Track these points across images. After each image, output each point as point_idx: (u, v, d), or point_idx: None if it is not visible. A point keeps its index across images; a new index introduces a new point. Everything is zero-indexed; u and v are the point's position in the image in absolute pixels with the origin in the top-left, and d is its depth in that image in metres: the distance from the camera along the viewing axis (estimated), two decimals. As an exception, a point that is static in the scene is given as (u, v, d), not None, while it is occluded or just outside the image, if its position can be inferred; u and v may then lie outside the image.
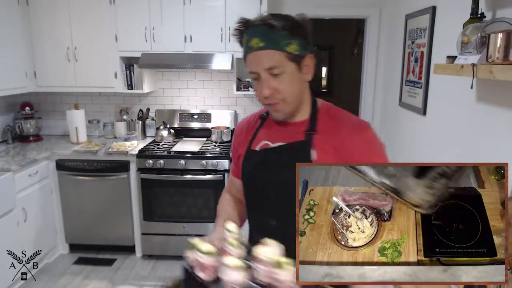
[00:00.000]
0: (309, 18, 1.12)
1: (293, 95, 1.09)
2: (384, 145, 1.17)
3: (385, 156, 1.14)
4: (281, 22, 1.07)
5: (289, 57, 1.04)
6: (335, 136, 1.10)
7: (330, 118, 1.15)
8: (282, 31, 1.05)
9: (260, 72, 1.06)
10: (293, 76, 1.06)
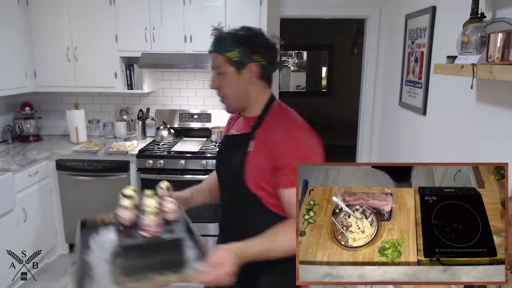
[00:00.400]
0: (271, 40, 1.26)
1: (233, 94, 1.27)
2: (314, 148, 1.23)
3: (307, 158, 1.19)
4: (231, 33, 1.26)
5: (229, 61, 1.23)
6: (270, 132, 1.22)
7: (274, 117, 1.27)
8: (226, 40, 1.26)
9: (212, 70, 1.31)
10: (233, 78, 1.24)
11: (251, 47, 1.23)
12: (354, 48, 5.70)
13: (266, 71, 1.27)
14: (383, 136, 3.46)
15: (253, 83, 1.26)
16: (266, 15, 3.14)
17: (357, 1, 3.39)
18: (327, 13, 3.45)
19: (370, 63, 3.53)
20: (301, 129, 1.24)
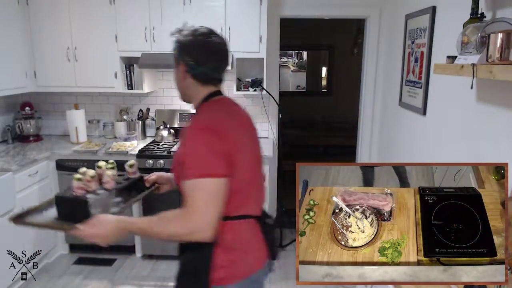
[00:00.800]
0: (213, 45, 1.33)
1: (176, 86, 1.42)
2: (201, 143, 1.24)
3: (191, 154, 1.23)
4: (182, 32, 1.34)
5: (174, 57, 1.35)
6: (188, 125, 1.33)
7: (197, 114, 1.38)
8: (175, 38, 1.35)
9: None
10: (176, 73, 1.38)
11: (182, 47, 1.32)
12: (354, 48, 5.70)
13: (195, 71, 1.32)
14: (383, 136, 3.46)
15: (185, 80, 1.35)
16: (266, 15, 3.14)
17: (357, 1, 3.39)
18: (327, 13, 3.45)
19: (370, 63, 3.53)
20: (197, 128, 1.27)
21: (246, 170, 1.32)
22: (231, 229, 1.30)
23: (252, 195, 1.38)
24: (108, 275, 3.08)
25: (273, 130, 3.71)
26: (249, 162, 1.35)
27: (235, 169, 1.25)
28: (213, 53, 1.33)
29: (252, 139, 1.44)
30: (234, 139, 1.28)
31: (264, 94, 3.52)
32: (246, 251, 1.34)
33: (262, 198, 1.48)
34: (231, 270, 1.30)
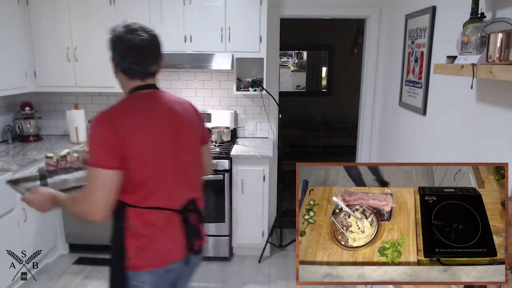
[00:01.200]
0: (134, 43, 1.42)
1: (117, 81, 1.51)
2: (91, 137, 1.34)
3: (89, 145, 1.34)
4: (113, 30, 1.45)
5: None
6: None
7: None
8: None
9: None
10: (112, 69, 1.49)
11: (110, 44, 1.44)
12: (354, 48, 5.70)
13: (121, 66, 1.44)
14: (383, 136, 3.46)
15: (117, 74, 1.48)
16: (266, 15, 3.14)
17: (357, 1, 3.39)
18: (327, 13, 3.45)
19: (370, 63, 3.53)
20: (94, 121, 1.35)
21: (147, 164, 1.36)
22: (139, 217, 1.39)
23: (164, 189, 1.41)
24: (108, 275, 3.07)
25: (273, 130, 3.71)
26: (153, 157, 1.38)
27: (129, 163, 1.33)
28: (134, 49, 1.39)
29: (174, 136, 1.44)
30: (128, 134, 1.33)
31: (264, 94, 3.52)
32: (155, 239, 1.40)
33: (185, 193, 1.50)
34: (142, 256, 1.40)
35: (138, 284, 1.43)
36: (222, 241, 3.26)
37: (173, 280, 1.54)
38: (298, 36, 5.73)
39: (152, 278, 1.43)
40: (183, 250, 1.47)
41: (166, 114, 1.46)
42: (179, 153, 1.46)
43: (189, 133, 1.51)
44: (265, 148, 3.35)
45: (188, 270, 1.58)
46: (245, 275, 3.13)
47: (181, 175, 1.47)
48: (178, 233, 1.46)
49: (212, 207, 3.21)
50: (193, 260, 1.56)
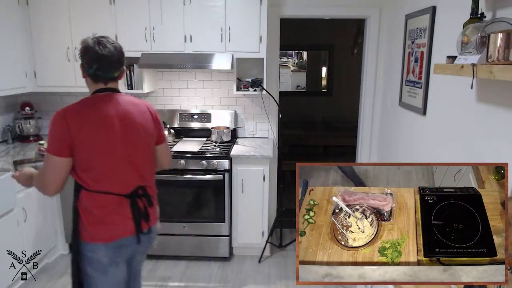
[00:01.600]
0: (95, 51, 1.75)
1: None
2: (51, 128, 1.63)
3: (48, 134, 1.64)
4: (83, 41, 1.79)
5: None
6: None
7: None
8: None
9: None
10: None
11: (79, 53, 1.75)
12: (354, 48, 5.70)
13: (87, 72, 1.73)
14: (383, 136, 3.46)
15: (84, 77, 1.78)
16: (266, 15, 3.14)
17: (357, 1, 3.39)
18: (327, 13, 3.45)
19: (370, 63, 3.53)
20: (54, 115, 1.65)
21: (96, 155, 1.63)
22: (90, 199, 1.66)
23: (113, 177, 1.68)
24: (108, 275, 3.08)
25: (273, 130, 3.71)
26: (102, 149, 1.64)
27: (80, 153, 1.61)
28: (98, 58, 1.69)
29: (125, 133, 1.69)
30: (80, 128, 1.60)
31: (264, 94, 3.52)
32: (105, 218, 1.67)
33: (134, 181, 1.74)
34: (93, 231, 1.66)
35: (94, 256, 1.68)
36: (222, 241, 3.26)
37: (128, 257, 1.79)
38: (298, 36, 5.73)
39: (106, 251, 1.68)
40: (131, 229, 1.72)
41: (119, 113, 1.70)
42: (129, 147, 1.71)
43: (140, 131, 1.75)
44: (265, 148, 3.35)
45: (140, 248, 1.81)
46: (245, 275, 3.13)
47: (130, 166, 1.72)
48: (127, 214, 1.71)
49: (212, 207, 3.21)
50: (143, 239, 1.78)
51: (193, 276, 3.10)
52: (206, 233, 3.25)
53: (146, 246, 1.86)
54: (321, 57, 6.19)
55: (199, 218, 3.24)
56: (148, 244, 1.86)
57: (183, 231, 3.24)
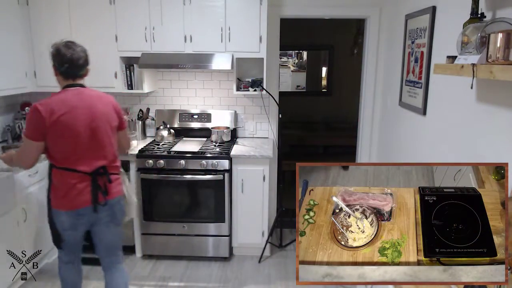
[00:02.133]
0: (62, 54, 2.06)
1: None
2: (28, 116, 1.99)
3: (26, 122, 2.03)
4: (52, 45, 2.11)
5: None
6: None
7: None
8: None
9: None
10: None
11: (52, 54, 2.06)
12: (354, 48, 5.70)
13: (59, 70, 2.06)
14: (383, 136, 3.46)
15: (55, 75, 2.10)
16: (266, 15, 3.14)
17: (357, 1, 3.39)
18: (327, 13, 3.45)
19: (370, 63, 3.53)
20: (32, 106, 1.97)
21: (64, 139, 1.99)
22: (57, 174, 2.05)
23: (77, 157, 2.04)
24: (108, 275, 3.08)
25: (273, 130, 3.71)
26: (69, 134, 1.99)
27: (51, 137, 1.97)
28: (67, 59, 2.03)
29: (90, 121, 2.05)
30: (52, 117, 1.94)
31: (264, 94, 3.52)
32: (67, 191, 2.04)
33: (96, 161, 2.09)
34: (60, 201, 2.07)
35: (60, 221, 2.12)
36: (222, 241, 3.27)
37: (88, 224, 2.18)
38: (298, 36, 5.73)
39: (68, 218, 2.09)
40: (89, 201, 2.09)
41: (85, 103, 2.06)
42: (92, 132, 2.07)
43: (102, 118, 2.11)
44: (265, 148, 3.35)
45: (100, 216, 2.17)
46: (245, 275, 3.13)
47: (93, 148, 2.08)
48: (87, 188, 2.07)
49: (212, 207, 3.21)
50: (101, 209, 2.15)
51: (193, 276, 3.10)
52: (206, 233, 3.25)
53: (108, 216, 2.20)
54: (321, 57, 6.18)
55: (199, 218, 3.24)
56: (110, 215, 2.20)
57: (183, 231, 3.24)
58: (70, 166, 2.03)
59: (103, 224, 2.21)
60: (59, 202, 2.07)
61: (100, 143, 2.10)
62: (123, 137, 2.33)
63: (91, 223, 2.18)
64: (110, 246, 2.31)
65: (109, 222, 2.22)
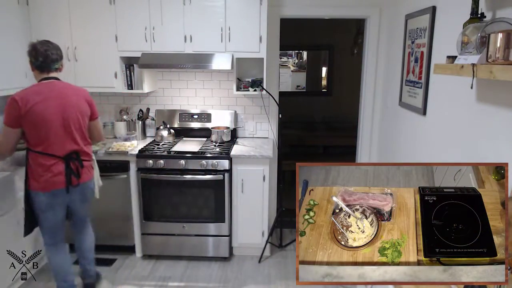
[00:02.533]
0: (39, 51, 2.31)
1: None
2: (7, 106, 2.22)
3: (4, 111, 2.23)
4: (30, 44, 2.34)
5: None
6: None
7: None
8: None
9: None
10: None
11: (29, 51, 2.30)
12: (354, 48, 5.70)
13: (34, 65, 2.32)
14: (383, 136, 3.46)
15: (32, 70, 2.36)
16: (266, 15, 3.14)
17: (357, 1, 3.39)
18: (327, 13, 3.45)
19: (370, 63, 3.53)
20: (10, 97, 2.21)
21: (38, 126, 2.22)
22: (33, 158, 2.29)
23: (51, 142, 2.27)
24: (108, 275, 3.08)
25: (273, 130, 3.71)
26: (43, 121, 2.23)
27: (27, 124, 2.21)
28: (41, 54, 2.28)
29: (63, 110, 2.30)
30: (27, 106, 2.18)
31: (264, 94, 3.52)
32: (43, 173, 2.28)
33: (68, 146, 2.34)
34: (34, 182, 2.30)
35: (37, 201, 2.33)
36: (222, 241, 3.27)
37: (64, 203, 2.42)
38: (298, 36, 5.73)
39: (44, 198, 2.32)
40: (63, 182, 2.33)
41: (58, 94, 2.31)
42: (65, 120, 2.31)
43: (74, 108, 2.35)
44: (265, 148, 3.35)
45: (74, 197, 2.42)
46: (245, 275, 3.13)
47: (66, 135, 2.32)
48: (61, 171, 2.32)
49: (212, 207, 3.21)
50: (74, 191, 2.40)
51: (193, 276, 3.10)
52: (206, 233, 3.25)
53: (81, 196, 2.48)
54: (321, 57, 6.18)
55: (199, 218, 3.24)
56: (81, 196, 2.48)
57: (183, 231, 3.24)
58: (45, 150, 2.27)
59: (77, 204, 2.50)
60: (37, 183, 2.29)
61: (71, 130, 2.34)
62: (95, 126, 2.57)
63: (66, 203, 2.43)
64: (82, 217, 2.64)
65: (81, 202, 2.51)
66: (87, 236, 2.71)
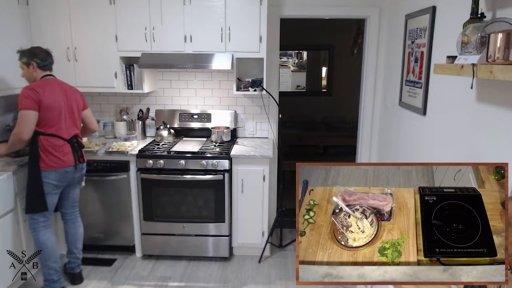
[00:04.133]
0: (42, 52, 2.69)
1: (28, 77, 2.69)
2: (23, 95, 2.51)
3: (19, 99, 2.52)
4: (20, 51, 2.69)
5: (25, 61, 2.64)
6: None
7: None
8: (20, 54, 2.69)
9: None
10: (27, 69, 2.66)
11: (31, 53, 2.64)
12: (354, 48, 5.70)
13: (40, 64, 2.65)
14: (383, 136, 3.46)
15: (35, 71, 2.66)
16: (266, 15, 3.14)
17: (357, 1, 3.39)
18: (327, 13, 3.45)
19: (370, 63, 3.53)
20: (25, 88, 2.55)
21: (50, 112, 2.55)
22: (46, 139, 2.57)
23: (60, 126, 2.61)
24: (108, 275, 3.08)
25: (273, 130, 3.71)
26: (54, 108, 2.57)
27: (41, 110, 2.51)
28: (46, 56, 2.67)
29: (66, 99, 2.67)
30: (42, 95, 2.51)
31: (264, 94, 3.52)
32: (55, 153, 2.59)
33: (72, 131, 2.70)
34: (48, 162, 2.57)
35: (47, 180, 2.59)
36: (222, 241, 3.27)
37: (67, 182, 2.73)
38: (298, 36, 5.73)
39: (56, 176, 2.62)
40: (72, 160, 2.68)
41: (62, 87, 2.69)
42: (69, 108, 2.69)
43: (72, 98, 2.73)
44: (265, 148, 3.35)
45: (76, 176, 2.76)
46: (245, 275, 3.13)
47: (70, 120, 2.70)
48: (69, 151, 2.67)
49: (212, 207, 3.21)
50: (79, 167, 2.76)
51: (193, 276, 3.10)
52: (206, 233, 3.25)
53: (79, 176, 2.82)
54: (321, 57, 6.18)
55: (199, 218, 3.24)
56: (80, 175, 2.83)
57: (183, 231, 3.24)
58: (56, 133, 2.59)
59: (75, 183, 2.83)
60: (51, 162, 2.58)
61: (74, 116, 2.73)
62: (88, 115, 2.90)
63: (68, 183, 2.74)
64: (73, 201, 2.90)
65: (77, 183, 2.85)
66: (78, 223, 2.98)
